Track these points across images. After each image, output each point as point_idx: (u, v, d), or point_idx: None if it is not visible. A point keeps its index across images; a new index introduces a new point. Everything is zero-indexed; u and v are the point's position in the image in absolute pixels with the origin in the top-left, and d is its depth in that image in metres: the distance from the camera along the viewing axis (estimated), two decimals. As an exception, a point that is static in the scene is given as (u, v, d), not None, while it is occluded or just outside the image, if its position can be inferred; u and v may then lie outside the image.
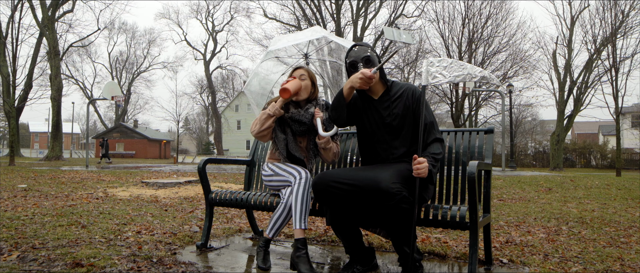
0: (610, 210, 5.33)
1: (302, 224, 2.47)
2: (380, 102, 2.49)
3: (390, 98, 2.48)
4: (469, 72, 2.35)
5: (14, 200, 5.44)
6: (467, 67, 2.36)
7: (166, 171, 13.62)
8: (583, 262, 2.83)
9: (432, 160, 2.29)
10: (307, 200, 2.51)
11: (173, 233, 3.54)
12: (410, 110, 2.45)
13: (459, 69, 2.36)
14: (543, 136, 43.74)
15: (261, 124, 2.69)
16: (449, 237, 3.53)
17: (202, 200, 5.88)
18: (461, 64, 2.37)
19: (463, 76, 2.36)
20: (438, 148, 2.36)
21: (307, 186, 2.53)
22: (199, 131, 66.31)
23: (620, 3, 20.15)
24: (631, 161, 29.44)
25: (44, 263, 2.56)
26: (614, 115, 18.42)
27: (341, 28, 26.50)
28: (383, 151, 2.46)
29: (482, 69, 2.39)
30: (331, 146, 2.77)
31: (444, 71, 2.38)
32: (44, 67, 31.74)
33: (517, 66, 24.41)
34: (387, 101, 2.48)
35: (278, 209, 2.59)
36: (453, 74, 2.36)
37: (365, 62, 2.44)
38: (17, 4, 28.83)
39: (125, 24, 64.98)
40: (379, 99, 2.50)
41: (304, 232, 2.49)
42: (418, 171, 2.19)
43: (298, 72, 2.82)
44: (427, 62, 2.43)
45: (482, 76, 2.35)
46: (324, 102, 2.90)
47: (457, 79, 2.35)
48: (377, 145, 2.48)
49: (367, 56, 2.45)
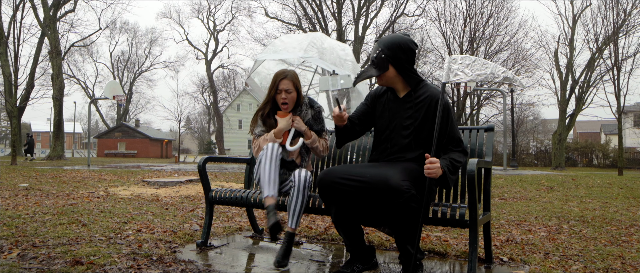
0: (611, 209, 5.32)
1: (293, 223, 2.54)
2: (403, 102, 2.43)
3: (413, 100, 2.40)
4: (492, 72, 2.26)
5: (15, 199, 5.45)
6: (490, 66, 2.26)
7: (167, 170, 13.63)
8: (584, 261, 2.82)
9: (450, 164, 2.22)
10: (303, 201, 2.57)
11: (173, 231, 3.54)
12: (430, 118, 2.35)
13: (482, 68, 2.26)
14: (545, 135, 43.67)
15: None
16: (450, 236, 3.52)
17: (202, 198, 5.89)
18: (484, 62, 2.28)
19: (486, 75, 2.26)
20: (460, 156, 2.29)
21: (304, 187, 2.57)
22: (201, 131, 66.40)
23: (622, 2, 20.08)
24: (633, 160, 29.36)
25: (44, 261, 2.57)
26: (616, 114, 18.37)
27: (342, 27, 26.50)
28: (395, 152, 2.41)
29: (505, 69, 2.30)
30: (316, 146, 2.86)
31: (467, 69, 2.29)
32: (46, 67, 31.82)
33: (518, 65, 24.42)
34: (409, 102, 2.41)
35: (292, 195, 2.58)
36: (475, 73, 2.27)
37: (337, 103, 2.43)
38: (18, 4, 28.88)
39: (126, 24, 65.24)
40: (402, 98, 2.44)
41: (293, 230, 2.55)
42: (429, 170, 2.14)
43: (283, 85, 2.78)
44: (450, 59, 2.33)
45: (505, 77, 2.25)
46: (308, 100, 2.91)
47: (480, 78, 2.25)
48: (390, 144, 2.44)
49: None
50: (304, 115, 2.86)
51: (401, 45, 2.36)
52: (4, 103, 25.64)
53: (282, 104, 2.80)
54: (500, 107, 25.42)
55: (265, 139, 2.77)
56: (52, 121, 28.70)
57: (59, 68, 24.37)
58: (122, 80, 49.88)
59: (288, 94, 2.79)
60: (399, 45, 2.36)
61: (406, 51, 2.36)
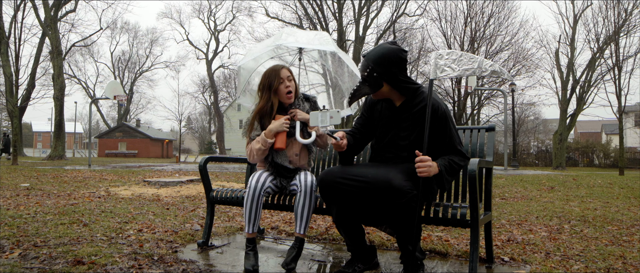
0: (612, 209, 5.31)
1: (301, 229, 2.53)
2: (400, 111, 2.35)
3: (410, 110, 2.31)
4: (479, 66, 2.21)
5: (16, 199, 5.46)
6: (477, 60, 2.22)
7: (168, 170, 13.63)
8: (585, 260, 2.82)
9: (448, 165, 2.18)
10: (311, 205, 2.56)
11: (174, 231, 3.54)
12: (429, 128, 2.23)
13: (469, 62, 2.22)
14: (545, 135, 43.59)
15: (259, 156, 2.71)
16: (451, 235, 3.52)
17: (203, 198, 5.89)
18: (471, 56, 2.24)
19: (473, 70, 2.21)
20: (461, 160, 2.24)
21: (311, 191, 2.55)
22: (201, 131, 66.39)
23: (623, 2, 20.06)
24: (634, 160, 29.32)
25: (45, 261, 2.57)
26: (617, 114, 18.36)
27: (343, 27, 26.48)
28: (392, 158, 2.38)
29: (492, 62, 2.27)
30: (322, 133, 2.71)
31: (453, 64, 2.23)
32: (47, 67, 31.85)
33: (519, 65, 24.40)
34: (406, 112, 2.33)
35: (299, 200, 2.55)
36: (462, 68, 2.21)
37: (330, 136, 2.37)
38: (19, 4, 28.89)
39: (127, 24, 65.12)
40: (399, 107, 2.36)
41: (303, 236, 2.55)
42: (421, 169, 2.10)
43: (284, 73, 2.73)
44: (436, 54, 2.27)
45: (492, 70, 2.22)
46: (302, 95, 2.86)
47: (467, 73, 2.20)
48: (388, 152, 2.40)
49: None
50: (302, 109, 2.79)
51: (392, 58, 2.23)
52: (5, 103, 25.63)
53: (288, 94, 2.71)
54: (501, 107, 25.39)
55: (257, 141, 2.68)
56: (53, 121, 28.71)
57: (60, 68, 24.38)
58: (122, 80, 49.84)
59: (290, 81, 2.74)
60: (389, 59, 2.23)
61: (397, 63, 2.24)
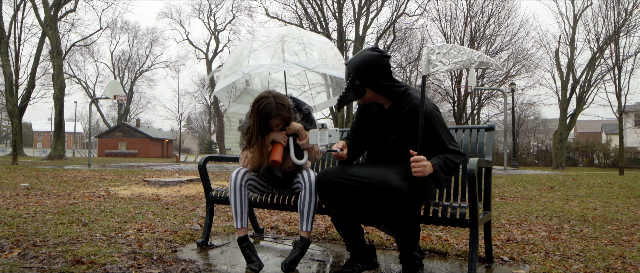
0: (612, 209, 5.31)
1: (307, 227, 2.53)
2: (389, 114, 2.37)
3: (398, 112, 2.34)
4: (468, 58, 2.23)
5: (16, 199, 5.46)
6: (466, 52, 2.24)
7: (168, 170, 13.63)
8: (584, 260, 2.82)
9: (443, 163, 2.17)
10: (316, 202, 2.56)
11: (174, 231, 3.54)
12: (414, 132, 2.26)
13: (458, 55, 2.24)
14: (545, 134, 43.58)
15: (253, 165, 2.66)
16: (450, 235, 3.52)
17: (203, 198, 5.89)
18: (460, 48, 2.26)
19: (462, 62, 2.23)
20: (456, 157, 2.23)
21: (315, 189, 2.54)
22: (201, 131, 66.34)
23: (623, 1, 20.04)
24: (634, 160, 29.31)
25: (44, 261, 2.57)
26: (617, 114, 18.34)
27: (343, 27, 26.46)
28: (385, 159, 2.39)
29: (480, 53, 2.28)
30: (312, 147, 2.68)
31: (444, 59, 2.25)
32: (47, 67, 31.82)
33: (519, 65, 24.39)
34: (394, 115, 2.35)
35: (303, 197, 2.55)
36: (452, 61, 2.23)
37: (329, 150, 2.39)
38: (19, 4, 28.87)
39: (127, 24, 65.12)
40: (388, 110, 2.38)
41: (308, 234, 2.55)
42: (415, 169, 2.10)
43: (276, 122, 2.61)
44: (427, 50, 2.29)
45: (481, 61, 2.24)
46: (294, 103, 2.75)
47: (457, 66, 2.23)
48: (381, 154, 2.42)
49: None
50: (294, 120, 2.72)
51: (371, 65, 2.24)
52: (5, 103, 25.65)
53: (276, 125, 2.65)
54: (500, 106, 25.39)
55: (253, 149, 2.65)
56: (53, 121, 28.71)
57: (60, 68, 24.38)
58: (122, 80, 49.82)
59: (279, 124, 2.64)
60: (369, 66, 2.24)
61: (378, 69, 2.25)
